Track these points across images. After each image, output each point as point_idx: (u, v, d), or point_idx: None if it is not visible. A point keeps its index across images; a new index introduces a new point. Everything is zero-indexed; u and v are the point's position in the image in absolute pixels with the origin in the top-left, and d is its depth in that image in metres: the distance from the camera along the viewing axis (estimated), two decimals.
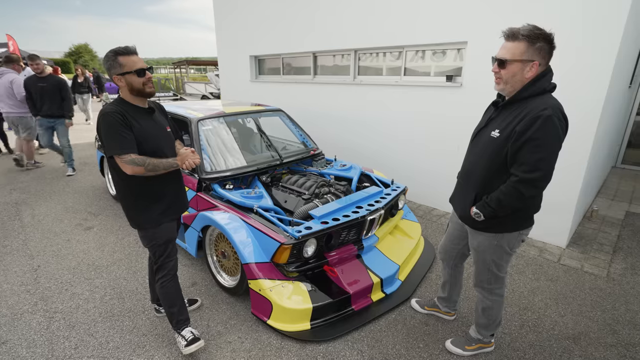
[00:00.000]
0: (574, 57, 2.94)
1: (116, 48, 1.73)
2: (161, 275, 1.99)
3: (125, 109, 1.76)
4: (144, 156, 1.75)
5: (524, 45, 1.48)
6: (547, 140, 1.45)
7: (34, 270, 2.90)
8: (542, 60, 1.50)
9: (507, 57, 1.52)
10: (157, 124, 1.92)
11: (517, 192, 1.52)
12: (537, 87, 1.52)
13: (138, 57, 1.77)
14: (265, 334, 2.23)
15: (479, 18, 3.46)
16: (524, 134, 1.48)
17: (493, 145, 1.62)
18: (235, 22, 6.67)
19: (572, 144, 3.08)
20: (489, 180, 1.66)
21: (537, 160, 1.47)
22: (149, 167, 1.74)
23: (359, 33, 4.60)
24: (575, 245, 3.41)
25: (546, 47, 1.48)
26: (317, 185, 2.92)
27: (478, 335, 2.07)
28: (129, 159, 1.70)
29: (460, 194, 1.87)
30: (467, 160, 1.83)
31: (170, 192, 1.98)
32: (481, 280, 1.91)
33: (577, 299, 2.63)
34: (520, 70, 1.51)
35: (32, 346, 2.11)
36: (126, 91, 1.78)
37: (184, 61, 23.85)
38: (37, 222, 3.79)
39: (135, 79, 1.74)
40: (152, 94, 1.85)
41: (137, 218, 1.91)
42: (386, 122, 4.55)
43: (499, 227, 1.71)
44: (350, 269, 2.50)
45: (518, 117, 1.52)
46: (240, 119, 3.85)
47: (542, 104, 1.48)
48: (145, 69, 1.77)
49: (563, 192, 3.23)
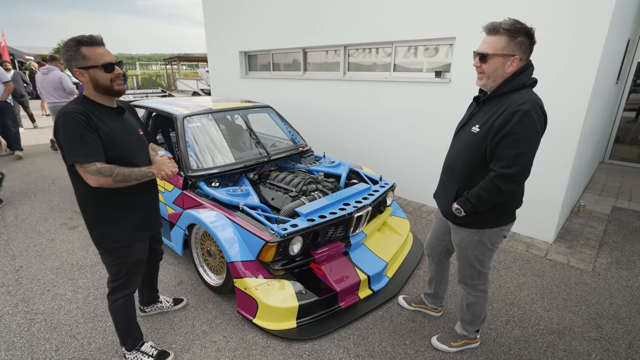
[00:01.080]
0: (560, 53, 2.95)
1: (79, 37, 1.49)
2: (121, 295, 1.78)
3: (90, 108, 1.53)
4: (111, 165, 1.51)
5: (505, 40, 1.47)
6: (525, 135, 1.45)
7: (16, 270, 2.84)
8: (522, 55, 1.50)
9: (489, 52, 1.51)
10: (128, 125, 1.69)
11: (496, 187, 1.52)
12: (517, 82, 1.52)
13: (105, 49, 1.55)
14: (250, 332, 2.21)
15: (467, 14, 3.45)
16: (502, 128, 1.47)
17: (473, 141, 1.62)
18: (225, 17, 6.58)
19: (559, 140, 3.10)
20: (470, 176, 1.66)
21: (515, 155, 1.47)
22: (117, 178, 1.50)
23: (349, 29, 4.56)
24: (562, 241, 3.44)
25: (527, 41, 1.48)
26: (305, 182, 2.90)
27: (463, 331, 2.08)
28: (93, 168, 1.46)
29: (443, 190, 1.86)
30: (449, 155, 1.82)
31: (143, 204, 1.76)
32: (464, 276, 1.91)
33: (562, 293, 2.66)
34: (501, 65, 1.51)
35: (11, 349, 2.06)
36: (90, 88, 1.55)
37: (175, 57, 23.60)
38: (21, 221, 3.71)
39: (102, 74, 1.51)
40: (122, 93, 1.61)
41: (105, 235, 1.66)
42: (376, 118, 4.54)
43: (480, 223, 1.71)
44: (338, 266, 2.49)
45: (497, 112, 1.52)
46: (228, 115, 3.80)
47: (520, 99, 1.47)
48: (114, 63, 1.55)
49: (550, 187, 3.26)
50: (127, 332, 1.90)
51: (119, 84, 1.58)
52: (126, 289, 1.80)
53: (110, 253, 1.71)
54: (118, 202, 1.65)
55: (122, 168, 1.53)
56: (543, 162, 3.20)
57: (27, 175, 5.25)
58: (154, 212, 1.89)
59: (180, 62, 25.57)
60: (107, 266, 1.75)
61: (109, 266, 1.75)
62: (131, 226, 1.71)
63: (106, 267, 1.76)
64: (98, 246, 1.70)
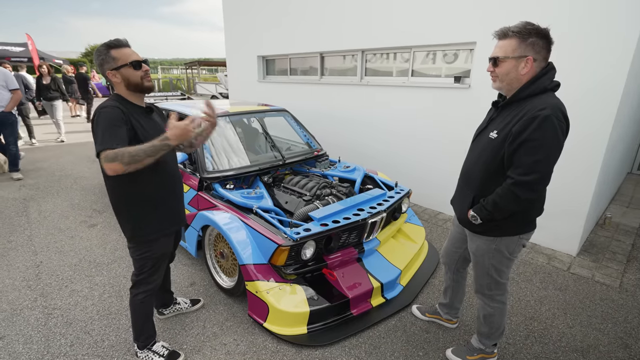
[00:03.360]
0: (586, 59, 2.84)
1: (107, 41, 1.60)
2: (143, 290, 1.84)
3: (124, 105, 1.61)
4: (115, 149, 1.43)
5: (516, 42, 1.45)
6: (544, 142, 1.39)
7: (37, 266, 2.92)
8: (536, 55, 1.45)
9: (500, 55, 1.49)
10: (156, 124, 1.77)
11: (513, 194, 1.46)
12: (537, 86, 1.46)
13: (131, 50, 1.64)
14: (261, 336, 2.19)
15: (488, 18, 3.38)
16: (520, 135, 1.42)
17: (491, 147, 1.57)
18: (244, 22, 6.69)
19: (585, 148, 2.98)
20: (486, 183, 1.61)
21: (534, 162, 1.41)
22: (125, 160, 1.41)
23: (367, 33, 4.55)
24: (587, 254, 3.28)
25: (540, 42, 1.43)
26: (319, 186, 2.88)
27: (480, 344, 1.99)
28: (102, 156, 1.43)
29: (460, 196, 1.81)
30: (467, 161, 1.78)
31: (168, 199, 1.81)
32: (481, 285, 1.84)
33: (586, 309, 2.53)
34: (514, 68, 1.47)
35: (28, 342, 2.11)
36: (122, 87, 1.63)
37: (195, 62, 24.14)
38: (43, 218, 3.83)
39: (132, 72, 1.60)
40: (151, 89, 1.69)
41: (134, 229, 1.73)
42: (393, 124, 4.49)
43: (497, 231, 1.65)
44: (350, 272, 2.45)
45: (516, 117, 1.47)
46: (245, 118, 3.84)
47: (541, 104, 1.41)
48: (141, 60, 1.63)
49: (574, 197, 3.12)
50: (142, 328, 1.94)
51: (148, 80, 1.66)
52: (148, 284, 1.86)
53: (139, 246, 1.78)
54: (143, 197, 1.70)
55: (127, 148, 1.44)
56: (567, 170, 3.08)
57: (52, 174, 5.44)
58: (180, 208, 1.94)
59: (200, 67, 26.15)
60: (134, 260, 1.82)
61: (135, 260, 1.82)
62: (157, 221, 1.78)
63: (133, 261, 1.83)
64: (129, 239, 1.78)
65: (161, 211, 1.78)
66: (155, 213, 1.76)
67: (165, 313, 2.35)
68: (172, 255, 2.18)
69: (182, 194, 1.97)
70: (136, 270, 1.84)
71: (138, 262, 1.82)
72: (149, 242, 1.78)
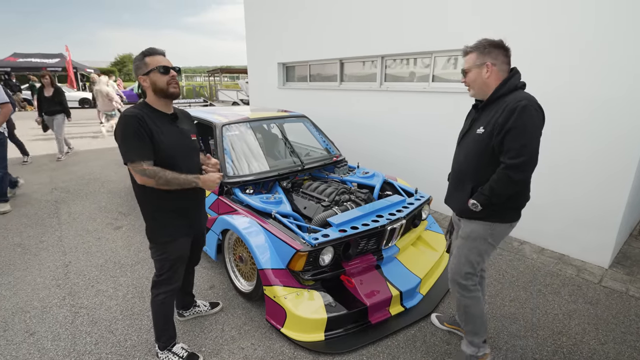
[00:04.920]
0: (622, 57, 2.72)
1: (145, 49, 1.71)
2: (163, 291, 1.90)
3: (147, 112, 1.69)
4: (157, 168, 1.64)
5: (475, 54, 1.74)
6: (526, 128, 1.58)
7: (65, 266, 3.04)
8: (494, 60, 1.70)
9: (466, 67, 1.79)
10: (181, 131, 1.82)
11: (507, 177, 1.62)
12: (509, 86, 1.70)
13: (164, 58, 1.73)
14: (278, 342, 2.19)
15: (512, 22, 3.30)
16: (505, 124, 1.61)
17: (479, 141, 1.74)
18: (265, 30, 6.82)
19: (617, 154, 2.84)
20: (482, 173, 1.75)
21: (521, 146, 1.58)
22: (160, 181, 1.64)
23: (387, 39, 4.53)
24: (620, 266, 3.11)
25: (494, 50, 1.70)
26: (338, 192, 2.87)
27: (471, 347, 1.97)
28: (139, 168, 1.61)
29: (455, 191, 1.92)
30: (457, 161, 1.95)
31: (188, 208, 1.88)
32: (459, 273, 1.88)
33: (620, 325, 2.39)
34: (478, 74, 1.74)
35: (56, 339, 2.19)
36: (151, 93, 1.72)
37: (218, 69, 24.77)
38: (73, 219, 4.00)
39: (159, 77, 1.67)
40: (176, 95, 1.75)
41: (153, 230, 1.83)
42: (413, 129, 4.43)
43: (494, 217, 1.78)
44: (369, 279, 2.42)
45: (498, 111, 1.66)
46: (265, 124, 3.89)
47: (518, 97, 1.63)
48: (170, 67, 1.70)
49: (605, 204, 2.97)
50: (163, 329, 1.98)
51: (174, 87, 1.72)
52: (169, 284, 1.90)
53: (158, 247, 1.85)
54: (165, 203, 1.78)
55: (167, 173, 1.65)
56: (596, 175, 2.95)
57: (81, 177, 5.68)
58: (199, 216, 1.99)
59: (223, 74, 26.80)
60: (154, 261, 1.89)
61: (155, 261, 1.88)
62: (175, 225, 1.84)
63: (154, 262, 1.90)
64: (149, 240, 1.86)
65: (181, 220, 1.86)
66: (176, 221, 1.84)
67: (185, 315, 2.39)
68: (197, 259, 2.23)
69: (202, 203, 2.03)
70: (157, 271, 1.90)
71: (158, 263, 1.88)
72: (165, 243, 1.84)
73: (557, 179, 3.21)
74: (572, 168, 3.11)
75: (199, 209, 1.99)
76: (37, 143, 8.22)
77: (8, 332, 2.24)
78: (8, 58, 19.83)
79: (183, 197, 1.82)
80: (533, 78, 2.24)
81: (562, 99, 3.06)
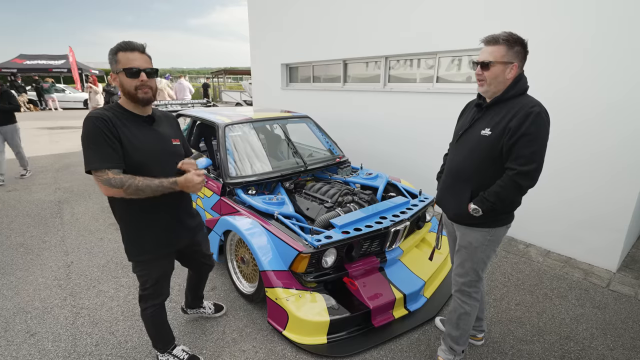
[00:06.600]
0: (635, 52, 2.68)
1: (121, 42, 1.45)
2: (151, 304, 1.76)
3: (117, 113, 1.47)
4: (125, 176, 1.41)
5: (504, 49, 1.58)
6: (539, 135, 1.53)
7: (67, 266, 3.03)
8: (519, 62, 1.60)
9: (490, 59, 1.60)
10: (158, 135, 1.59)
11: (515, 184, 1.57)
12: (519, 87, 1.62)
13: (139, 55, 1.46)
14: (280, 345, 2.16)
15: (516, 22, 3.26)
16: (518, 129, 1.54)
17: (485, 143, 1.65)
18: (268, 31, 6.82)
19: (626, 155, 2.79)
20: (483, 176, 1.68)
21: (531, 153, 1.54)
22: (129, 190, 1.39)
23: (390, 39, 4.51)
24: (628, 270, 3.05)
25: (522, 51, 1.59)
26: (341, 193, 2.84)
27: (449, 354, 1.95)
28: (104, 177, 1.38)
29: (452, 193, 1.83)
30: (454, 160, 1.84)
31: (163, 219, 1.64)
32: (464, 282, 1.85)
33: (629, 330, 2.34)
34: (502, 72, 1.60)
35: (57, 340, 2.18)
36: (122, 94, 1.50)
37: (221, 71, 24.84)
38: (76, 220, 4.00)
39: (126, 79, 1.43)
40: (145, 101, 1.50)
41: (128, 247, 1.63)
42: (416, 130, 4.40)
43: (493, 223, 1.73)
44: (372, 282, 2.38)
45: (509, 114, 1.58)
46: (267, 125, 3.87)
47: (530, 102, 1.56)
48: (141, 69, 1.44)
49: (613, 206, 2.92)
50: (157, 337, 1.93)
51: (144, 92, 1.47)
52: (154, 299, 1.78)
53: (135, 264, 1.70)
54: (137, 217, 1.59)
55: (137, 180, 1.41)
56: (604, 176, 2.90)
57: (85, 177, 5.69)
58: (178, 227, 1.73)
59: (226, 75, 26.88)
60: (137, 276, 1.75)
61: (137, 276, 1.74)
62: (151, 242, 1.64)
63: (136, 277, 1.75)
64: (127, 256, 1.69)
65: (159, 236, 1.65)
66: (152, 238, 1.63)
67: (188, 312, 2.37)
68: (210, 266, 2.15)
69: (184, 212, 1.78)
70: (140, 286, 1.77)
71: (140, 279, 1.74)
72: (143, 262, 1.67)
73: (563, 181, 3.16)
74: (578, 170, 3.07)
75: (180, 218, 1.73)
76: (37, 144, 8.26)
77: (9, 333, 2.23)
78: (15, 60, 20.02)
79: (156, 209, 1.58)
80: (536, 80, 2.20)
81: (568, 100, 3.01)
